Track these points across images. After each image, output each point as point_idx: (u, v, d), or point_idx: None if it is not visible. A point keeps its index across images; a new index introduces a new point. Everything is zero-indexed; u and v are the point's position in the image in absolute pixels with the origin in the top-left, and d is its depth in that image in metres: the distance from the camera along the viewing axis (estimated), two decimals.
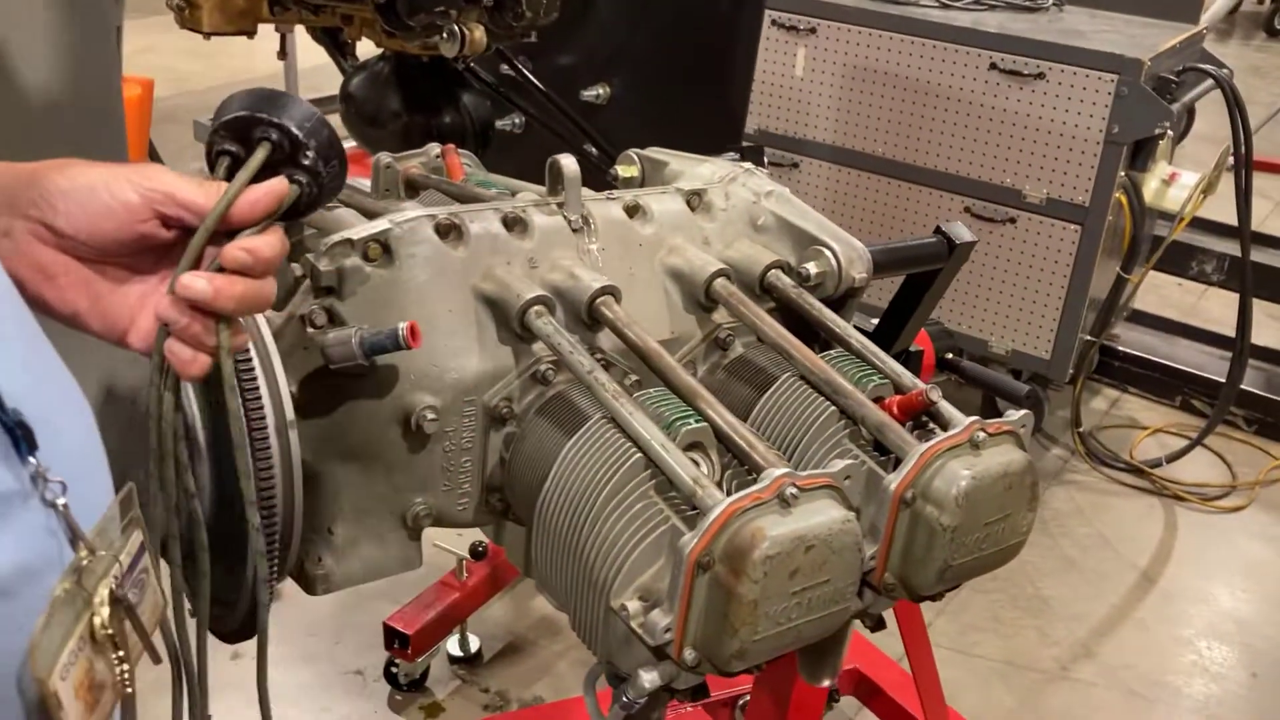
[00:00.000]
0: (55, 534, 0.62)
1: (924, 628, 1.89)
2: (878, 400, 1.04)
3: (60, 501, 0.62)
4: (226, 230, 0.78)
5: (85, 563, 0.62)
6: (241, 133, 0.79)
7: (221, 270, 0.77)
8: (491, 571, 2.35)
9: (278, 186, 0.79)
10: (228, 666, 1.07)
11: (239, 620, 1.02)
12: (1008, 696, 2.45)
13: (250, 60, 3.12)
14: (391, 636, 2.21)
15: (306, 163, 0.79)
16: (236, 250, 0.77)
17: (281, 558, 1.00)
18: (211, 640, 0.89)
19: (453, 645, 2.40)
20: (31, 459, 0.61)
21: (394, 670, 2.30)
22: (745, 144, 1.58)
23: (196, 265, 0.77)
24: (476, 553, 2.33)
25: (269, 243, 0.78)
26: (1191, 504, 3.14)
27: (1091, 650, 2.59)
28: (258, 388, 0.93)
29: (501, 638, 2.47)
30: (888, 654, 2.19)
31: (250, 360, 0.92)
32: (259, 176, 0.78)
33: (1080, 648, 2.60)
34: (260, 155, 0.78)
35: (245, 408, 0.92)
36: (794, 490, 0.86)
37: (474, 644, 2.41)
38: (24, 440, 0.60)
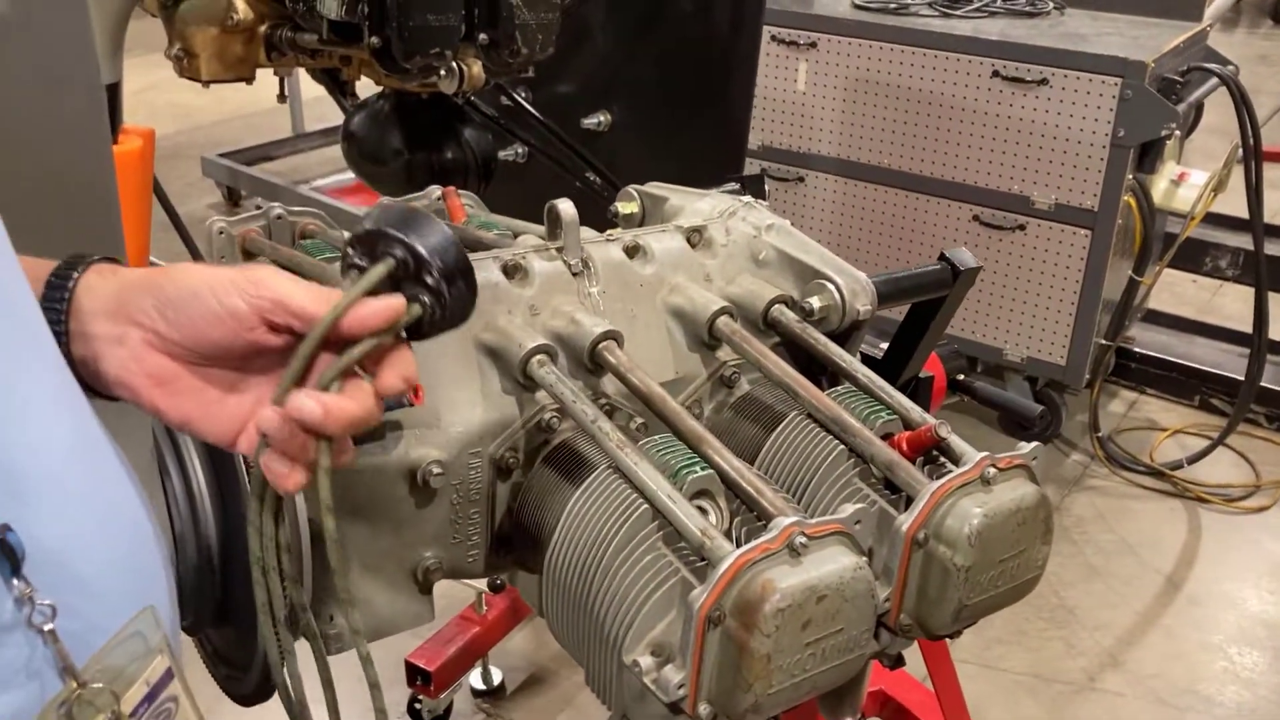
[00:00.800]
0: (39, 668, 0.58)
1: (946, 646, 1.87)
2: (886, 437, 1.02)
3: (48, 627, 0.58)
4: (338, 340, 0.75)
5: (76, 696, 0.59)
6: (371, 248, 0.77)
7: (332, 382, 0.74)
8: (511, 604, 2.34)
9: (394, 303, 0.76)
10: (245, 715, 1.08)
11: (253, 684, 1.01)
12: (1035, 710, 2.43)
13: (256, 95, 3.14)
14: (414, 673, 2.21)
15: (430, 282, 0.77)
16: (394, 378, 0.76)
17: (293, 618, 1.00)
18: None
19: (475, 679, 2.39)
20: (16, 580, 0.57)
21: (418, 706, 2.29)
22: (747, 174, 1.58)
23: (304, 375, 0.75)
24: (495, 586, 2.32)
25: (405, 374, 0.77)
26: (1215, 505, 3.11)
27: (1119, 660, 2.57)
28: None
29: (524, 669, 2.47)
30: (912, 674, 2.17)
31: None
32: (385, 292, 0.77)
33: (1107, 657, 2.57)
34: (380, 270, 0.76)
35: (249, 473, 0.91)
36: (803, 539, 0.85)
37: (496, 677, 2.40)
38: (6, 559, 0.57)
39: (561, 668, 2.46)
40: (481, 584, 2.29)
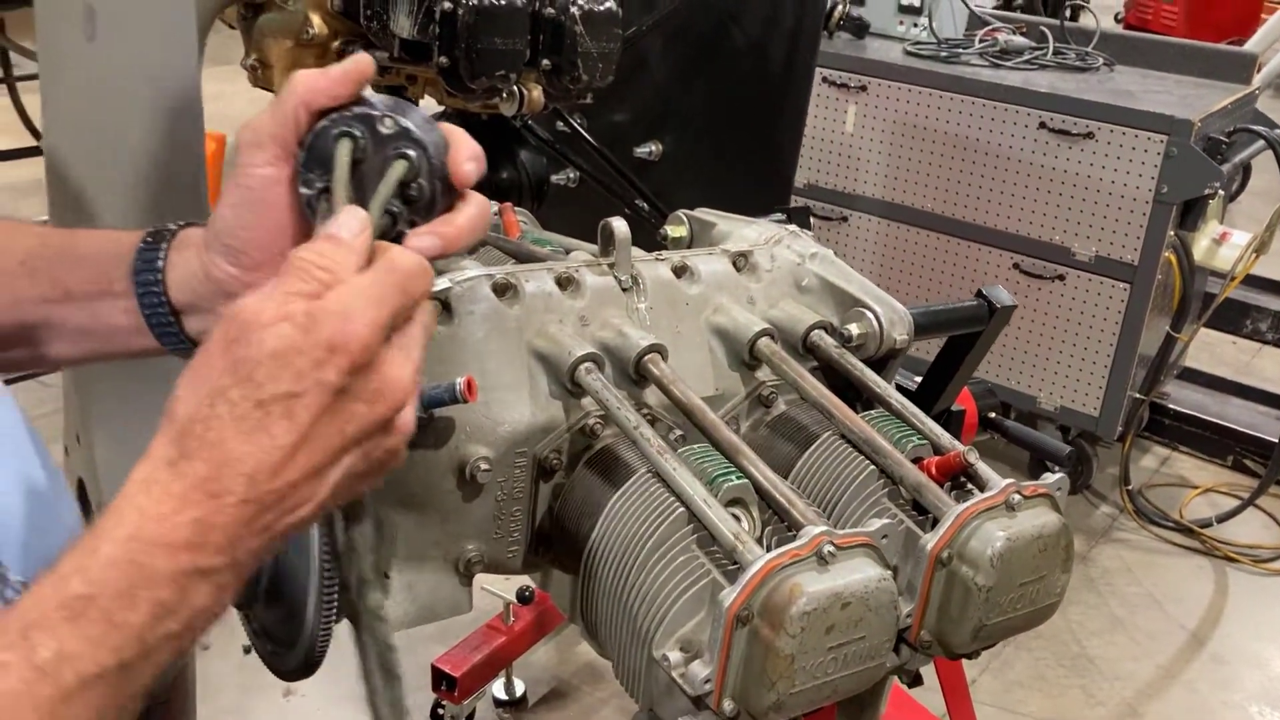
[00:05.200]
0: None
1: (966, 685, 1.89)
2: (916, 461, 1.06)
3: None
4: None
5: None
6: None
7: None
8: (537, 616, 2.38)
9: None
10: (280, 704, 1.12)
11: (298, 660, 1.06)
12: None
13: None
14: (439, 678, 2.25)
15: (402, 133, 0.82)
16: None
17: (341, 600, 1.04)
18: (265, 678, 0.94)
19: (498, 689, 2.43)
20: None
21: (440, 712, 2.33)
22: (793, 205, 1.63)
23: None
24: (523, 597, 2.36)
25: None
26: (1243, 565, 3.10)
27: (1138, 711, 2.57)
28: None
29: (546, 682, 2.50)
30: (934, 712, 2.19)
31: None
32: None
33: (1126, 708, 2.57)
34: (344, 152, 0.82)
35: None
36: (832, 548, 0.89)
37: (519, 688, 2.44)
38: None
39: (583, 683, 2.50)
40: (510, 594, 2.33)
